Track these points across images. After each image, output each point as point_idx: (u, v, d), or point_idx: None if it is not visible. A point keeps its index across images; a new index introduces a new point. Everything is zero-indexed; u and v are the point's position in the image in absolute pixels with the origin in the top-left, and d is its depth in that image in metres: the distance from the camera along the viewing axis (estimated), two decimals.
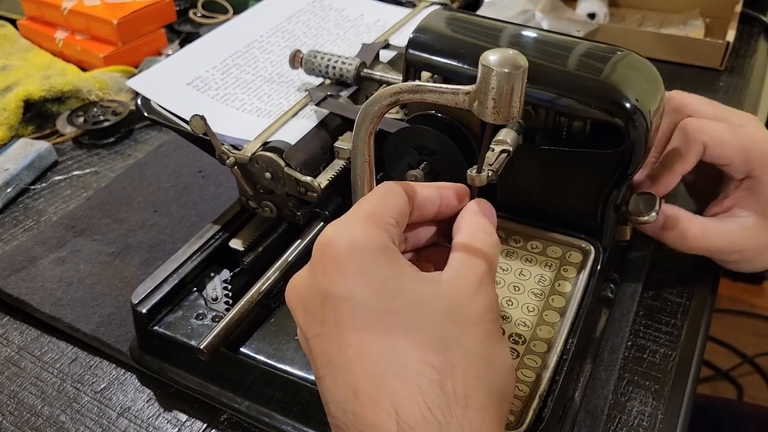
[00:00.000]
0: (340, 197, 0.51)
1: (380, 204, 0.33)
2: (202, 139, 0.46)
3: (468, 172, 0.36)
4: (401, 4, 0.66)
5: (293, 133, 0.49)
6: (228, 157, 0.47)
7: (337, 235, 0.32)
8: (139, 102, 0.51)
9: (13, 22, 0.94)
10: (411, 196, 0.35)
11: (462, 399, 0.29)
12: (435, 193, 0.36)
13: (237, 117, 0.51)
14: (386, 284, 0.31)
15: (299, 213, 0.49)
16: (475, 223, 0.35)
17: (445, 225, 0.38)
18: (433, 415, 0.28)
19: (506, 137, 0.43)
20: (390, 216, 0.33)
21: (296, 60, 0.54)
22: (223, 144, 0.47)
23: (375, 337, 0.30)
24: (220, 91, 0.53)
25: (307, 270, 0.33)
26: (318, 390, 0.32)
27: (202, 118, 0.45)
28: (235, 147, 0.48)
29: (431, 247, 0.38)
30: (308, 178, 0.46)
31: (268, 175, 0.47)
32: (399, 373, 0.29)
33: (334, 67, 0.53)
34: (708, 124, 0.50)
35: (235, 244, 0.51)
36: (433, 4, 0.65)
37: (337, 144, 0.49)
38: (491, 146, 0.43)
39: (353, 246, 0.31)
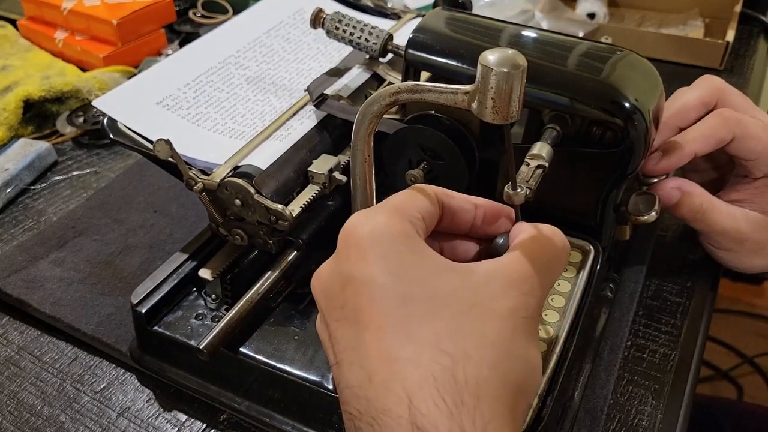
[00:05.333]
0: (315, 224, 0.49)
1: (407, 199, 0.34)
2: (170, 163, 0.44)
3: (505, 189, 0.36)
4: (386, 15, 0.65)
5: (265, 156, 0.47)
6: (195, 183, 0.44)
7: (360, 222, 0.32)
8: (105, 123, 0.49)
9: (13, 22, 0.94)
10: (443, 200, 0.35)
11: (474, 388, 0.29)
12: (469, 205, 0.36)
13: (208, 139, 0.49)
14: (407, 270, 0.31)
15: (271, 241, 0.47)
16: (541, 227, 0.35)
17: (483, 246, 0.38)
18: (444, 403, 0.28)
19: (541, 151, 0.42)
20: (416, 210, 0.34)
21: (318, 20, 0.53)
22: (191, 169, 0.45)
23: (392, 322, 0.30)
24: (192, 111, 0.51)
25: (332, 259, 0.34)
26: (333, 378, 0.33)
27: (168, 142, 0.42)
28: (204, 172, 0.46)
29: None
30: (279, 206, 0.44)
31: (237, 202, 0.45)
32: (413, 359, 0.29)
33: (360, 35, 0.52)
34: (745, 118, 0.50)
35: (204, 273, 0.48)
36: (418, 15, 0.63)
37: (311, 168, 0.47)
38: (526, 161, 0.41)
39: (374, 232, 0.32)
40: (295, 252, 0.48)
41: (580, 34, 0.86)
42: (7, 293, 0.55)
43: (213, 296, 0.49)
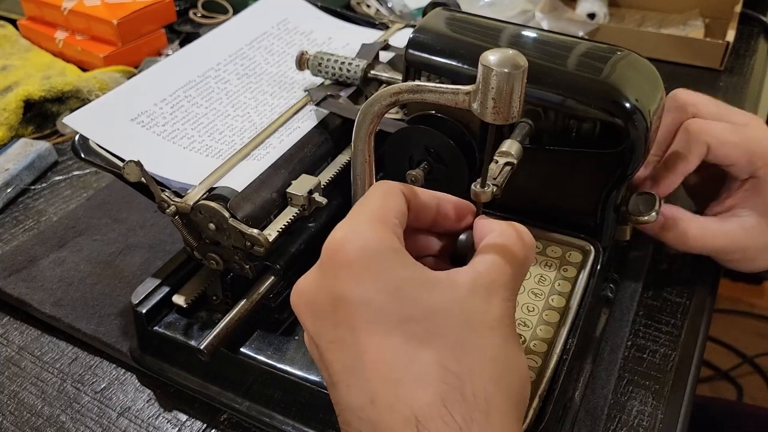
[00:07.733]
0: (294, 247, 0.47)
1: (383, 204, 0.33)
2: (143, 184, 0.42)
3: (472, 187, 0.36)
4: (374, 25, 0.64)
5: (242, 177, 0.45)
6: (168, 206, 0.42)
7: (347, 238, 0.31)
8: (76, 142, 0.46)
9: (13, 22, 0.94)
10: (408, 197, 0.34)
11: (483, 404, 0.29)
12: (432, 201, 0.35)
13: (184, 158, 0.47)
14: (402, 288, 0.30)
15: (248, 266, 0.45)
16: (508, 227, 0.34)
17: (445, 241, 0.37)
18: (454, 421, 0.28)
19: (510, 149, 0.41)
20: (394, 217, 0.33)
21: (303, 62, 0.53)
22: (164, 190, 0.43)
23: (392, 343, 0.30)
24: (168, 128, 0.49)
25: (316, 274, 0.32)
26: (330, 397, 0.32)
27: (138, 163, 0.40)
28: (178, 194, 0.44)
29: (428, 258, 0.37)
30: (255, 231, 0.41)
31: (212, 226, 0.43)
32: (418, 379, 0.29)
33: (340, 69, 0.53)
34: (711, 125, 0.50)
35: (178, 299, 0.47)
36: (407, 26, 0.63)
37: (289, 190, 0.44)
38: (495, 158, 0.41)
39: (366, 250, 0.30)
40: (273, 278, 0.46)
41: (581, 34, 0.86)
42: (7, 293, 0.55)
43: (213, 297, 0.49)
